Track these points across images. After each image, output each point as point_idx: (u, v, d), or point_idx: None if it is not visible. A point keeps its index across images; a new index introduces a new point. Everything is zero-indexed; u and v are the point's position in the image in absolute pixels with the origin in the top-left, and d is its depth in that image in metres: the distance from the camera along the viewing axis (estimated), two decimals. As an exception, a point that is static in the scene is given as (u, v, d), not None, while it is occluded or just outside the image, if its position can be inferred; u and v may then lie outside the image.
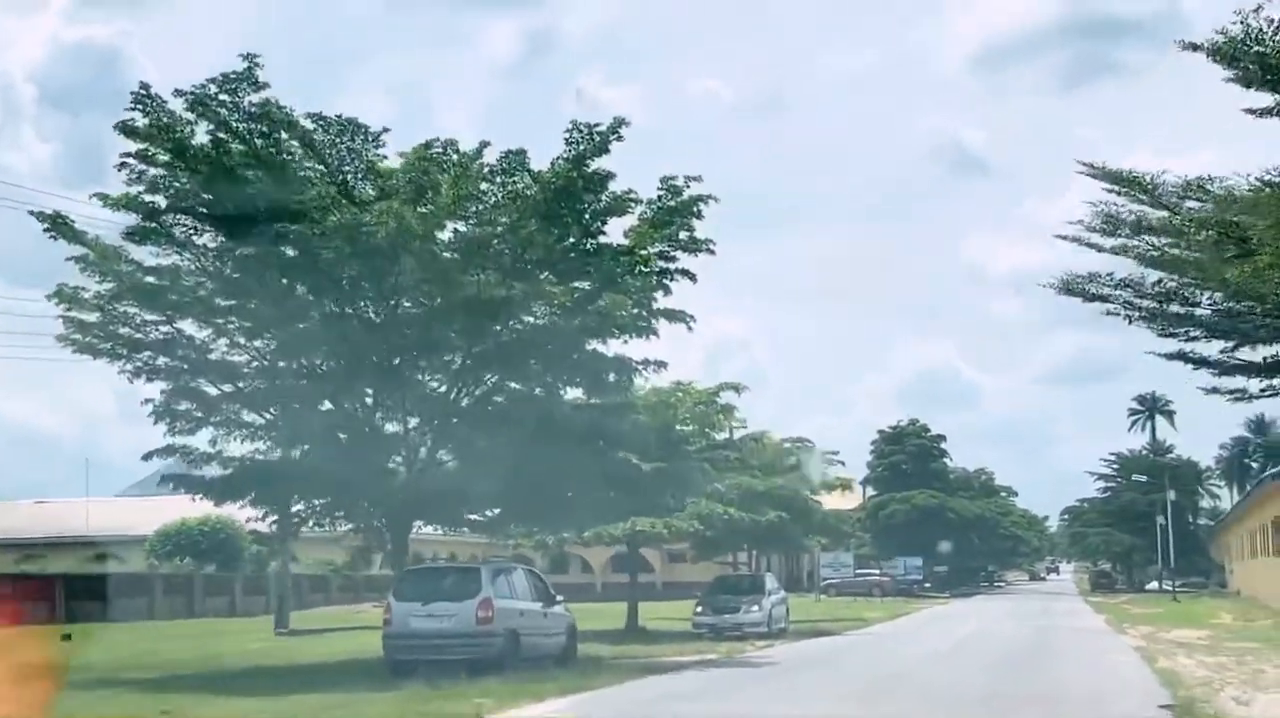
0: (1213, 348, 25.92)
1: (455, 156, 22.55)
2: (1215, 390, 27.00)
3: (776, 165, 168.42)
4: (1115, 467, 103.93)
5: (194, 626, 42.20)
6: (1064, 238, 25.69)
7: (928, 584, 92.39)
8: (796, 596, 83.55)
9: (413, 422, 23.93)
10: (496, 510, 28.26)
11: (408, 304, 22.54)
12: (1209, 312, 25.13)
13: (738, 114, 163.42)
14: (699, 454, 35.43)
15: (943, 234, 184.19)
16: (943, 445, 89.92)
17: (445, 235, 22.51)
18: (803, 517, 36.21)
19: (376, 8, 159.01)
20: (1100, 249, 24.89)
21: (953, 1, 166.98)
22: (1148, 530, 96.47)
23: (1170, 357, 26.29)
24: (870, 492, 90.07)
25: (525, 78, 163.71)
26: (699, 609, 33.72)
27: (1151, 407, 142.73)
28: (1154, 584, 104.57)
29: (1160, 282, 24.96)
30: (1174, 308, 25.04)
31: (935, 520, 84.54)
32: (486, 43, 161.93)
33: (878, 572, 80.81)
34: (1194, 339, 25.69)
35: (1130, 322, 24.76)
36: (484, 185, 22.38)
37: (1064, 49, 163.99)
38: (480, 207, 22.40)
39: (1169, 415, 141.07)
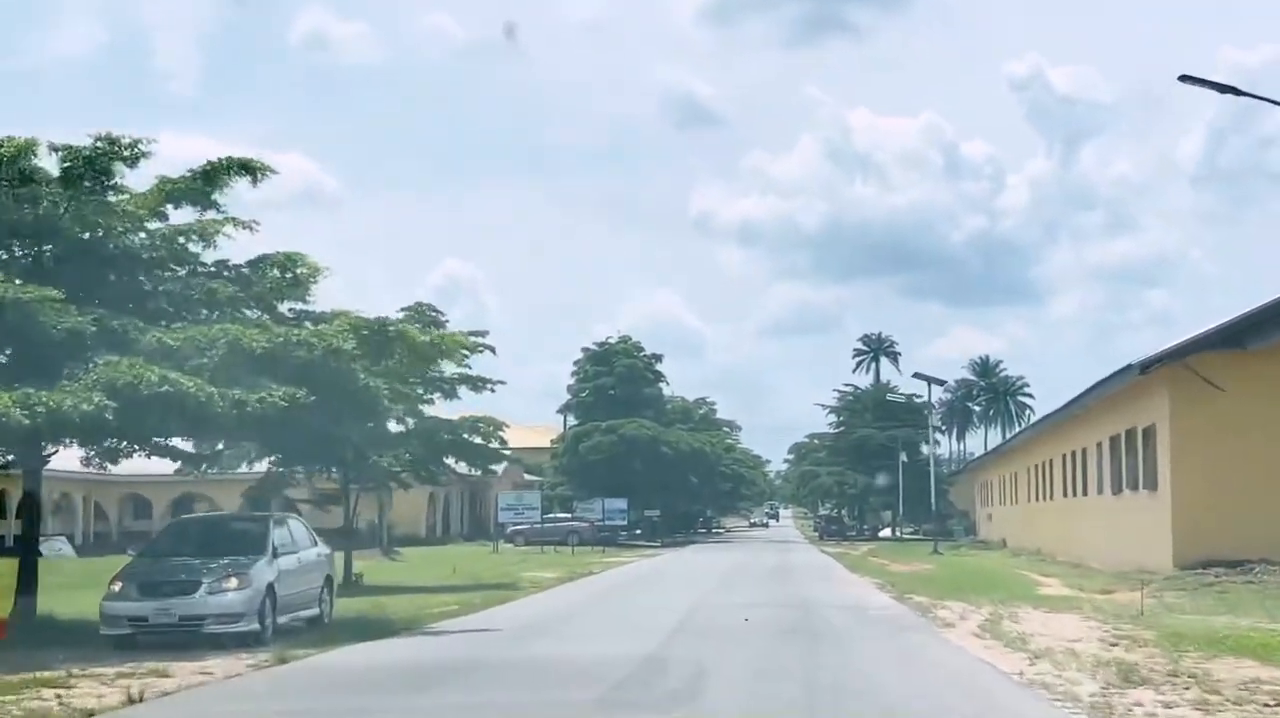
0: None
1: None
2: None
3: (507, 110, 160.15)
4: (849, 399, 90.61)
5: None
6: None
7: (638, 531, 76.98)
8: (478, 545, 66.67)
9: None
10: None
11: None
12: None
13: (469, 55, 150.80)
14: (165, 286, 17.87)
15: (672, 184, 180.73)
16: (659, 368, 74.22)
17: None
18: (354, 404, 18.31)
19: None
20: None
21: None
22: (883, 471, 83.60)
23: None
24: (572, 421, 73.70)
25: (244, 8, 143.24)
26: (116, 588, 15.98)
27: (877, 348, 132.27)
28: (887, 532, 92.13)
29: None
30: None
31: (646, 456, 68.70)
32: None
33: (569, 516, 64.55)
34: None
35: None
36: None
37: (794, 5, 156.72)
38: None
39: (894, 358, 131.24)
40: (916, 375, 49.80)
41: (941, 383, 50.02)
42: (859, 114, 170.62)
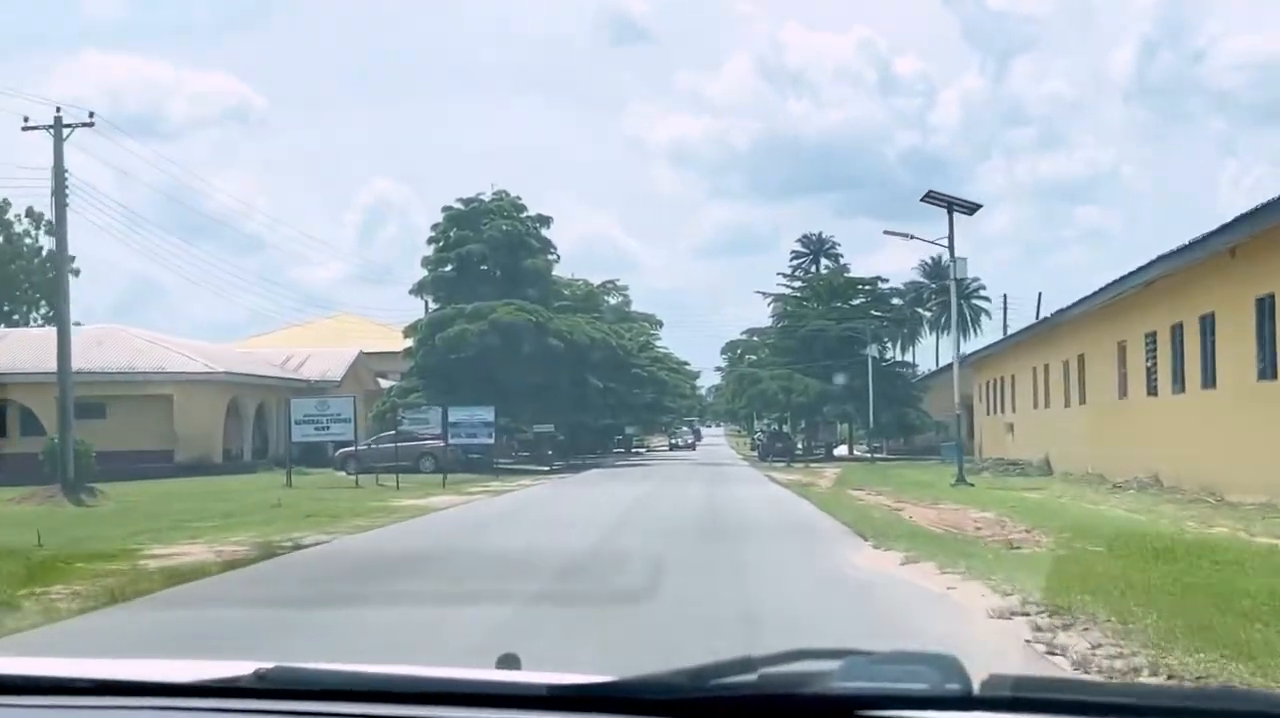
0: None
1: None
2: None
3: (437, 27, 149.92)
4: (796, 285, 71.42)
5: None
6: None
7: (526, 453, 57.71)
8: (316, 472, 46.14)
9: None
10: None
11: None
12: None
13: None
14: None
15: (604, 104, 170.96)
16: (546, 233, 54.06)
17: None
18: None
19: None
20: None
21: None
22: (842, 373, 64.65)
23: None
24: (433, 306, 53.52)
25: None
26: None
27: (818, 248, 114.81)
28: (842, 449, 73.33)
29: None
30: None
31: (530, 350, 49.03)
32: None
33: (393, 431, 44.31)
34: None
35: None
36: None
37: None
38: None
39: (836, 259, 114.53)
40: (928, 197, 30.13)
41: (974, 208, 29.82)
42: (791, 29, 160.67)
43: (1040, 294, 61.51)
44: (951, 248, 30.68)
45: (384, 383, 59.62)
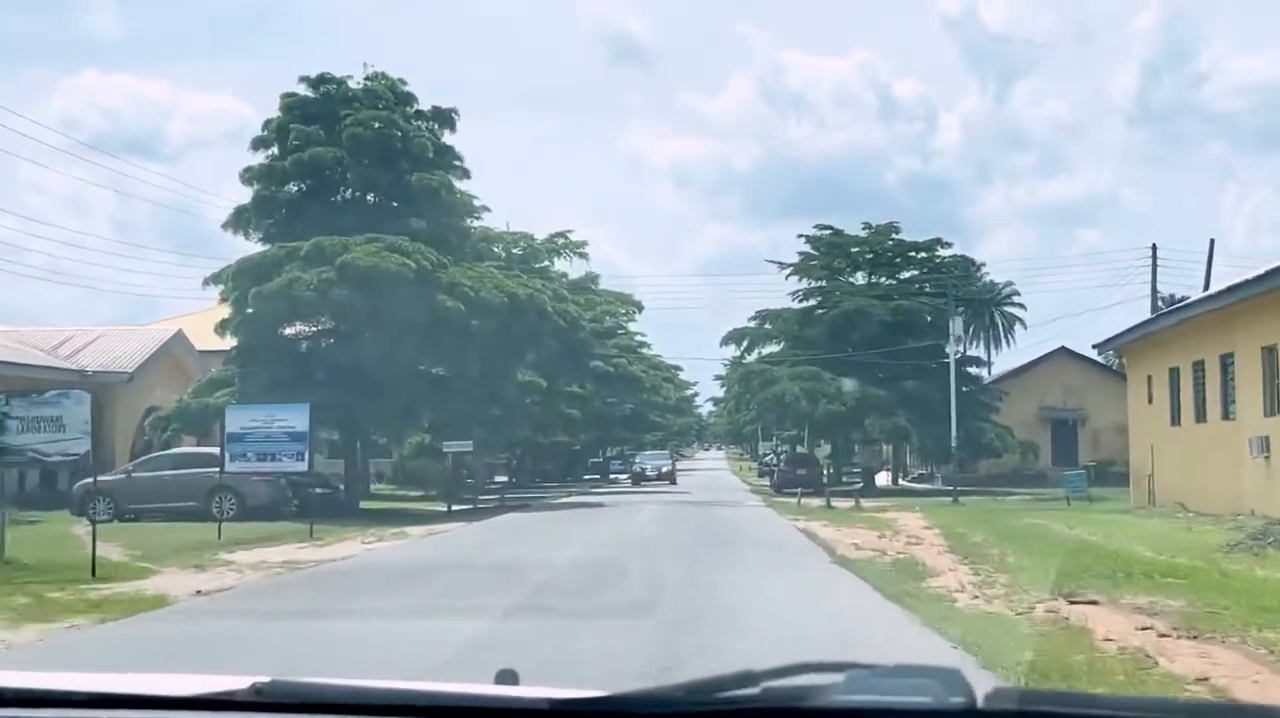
0: None
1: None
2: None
3: (435, 46, 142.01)
4: (823, 247, 51.69)
5: None
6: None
7: (478, 478, 38.53)
8: (46, 516, 25.00)
9: None
10: None
11: None
12: None
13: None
14: None
15: (603, 123, 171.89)
16: (450, 142, 34.30)
17: None
18: None
19: None
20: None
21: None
22: (890, 375, 45.37)
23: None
24: (254, 247, 33.56)
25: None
26: None
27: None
28: (884, 478, 53.63)
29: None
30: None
31: (413, 317, 29.40)
32: None
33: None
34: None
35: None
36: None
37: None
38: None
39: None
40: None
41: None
42: (791, 53, 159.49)
43: (1212, 241, 41.07)
44: None
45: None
